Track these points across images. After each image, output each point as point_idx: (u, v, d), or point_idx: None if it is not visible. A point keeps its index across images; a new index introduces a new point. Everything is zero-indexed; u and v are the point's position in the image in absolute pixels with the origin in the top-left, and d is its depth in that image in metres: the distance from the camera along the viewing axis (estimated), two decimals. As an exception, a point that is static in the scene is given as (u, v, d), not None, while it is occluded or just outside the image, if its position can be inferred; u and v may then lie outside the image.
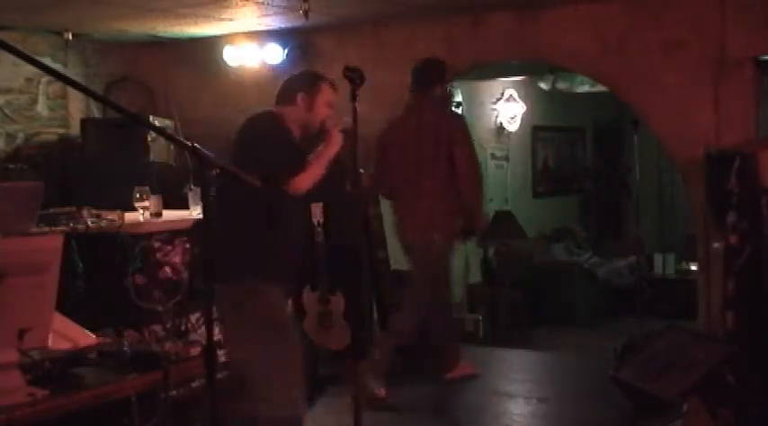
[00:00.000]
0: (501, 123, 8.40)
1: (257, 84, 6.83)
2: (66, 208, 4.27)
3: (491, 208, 8.04)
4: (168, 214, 4.74)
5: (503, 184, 8.37)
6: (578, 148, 10.12)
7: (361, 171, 3.68)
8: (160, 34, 6.57)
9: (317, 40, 6.53)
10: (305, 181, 3.49)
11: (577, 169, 10.05)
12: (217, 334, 4.55)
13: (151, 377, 2.48)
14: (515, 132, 8.56)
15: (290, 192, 3.48)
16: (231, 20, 5.94)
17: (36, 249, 2.37)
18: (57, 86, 6.59)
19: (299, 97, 3.59)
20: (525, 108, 8.59)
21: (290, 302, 3.78)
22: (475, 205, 5.18)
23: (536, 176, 9.22)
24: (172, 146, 6.20)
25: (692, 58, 5.28)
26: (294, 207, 3.63)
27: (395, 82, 6.16)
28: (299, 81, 3.69)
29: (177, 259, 4.56)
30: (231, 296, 3.48)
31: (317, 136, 3.61)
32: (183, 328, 4.47)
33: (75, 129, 6.62)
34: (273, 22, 6.07)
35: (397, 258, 6.68)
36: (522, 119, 8.61)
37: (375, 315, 6.10)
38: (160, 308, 4.41)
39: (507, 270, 7.45)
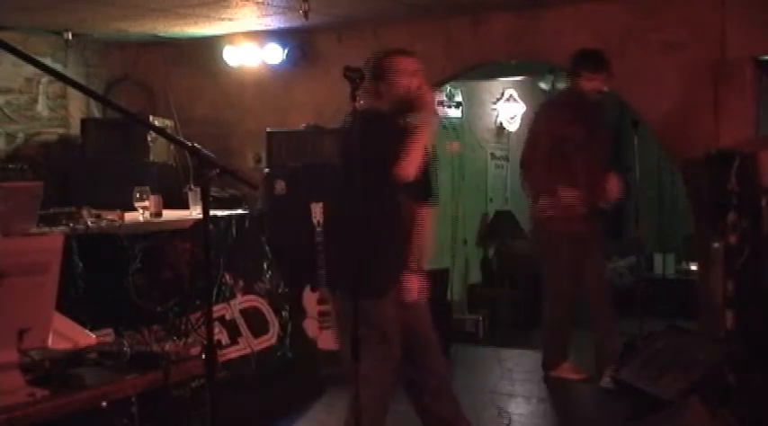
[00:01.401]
0: (501, 123, 8.40)
1: (257, 84, 6.84)
2: (66, 208, 4.27)
3: (491, 208, 8.06)
4: (168, 214, 4.74)
5: (503, 184, 8.36)
6: (578, 148, 10.11)
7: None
8: (160, 34, 6.57)
9: (317, 40, 6.53)
10: (408, 166, 3.30)
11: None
12: (217, 334, 4.57)
13: (151, 377, 2.47)
14: (515, 132, 8.56)
15: (396, 182, 3.33)
16: (231, 20, 5.95)
17: (36, 249, 2.37)
18: (57, 86, 6.59)
19: (369, 86, 3.46)
20: (525, 108, 8.59)
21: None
22: (536, 191, 5.18)
23: (536, 176, 9.20)
24: (172, 146, 6.20)
25: (692, 58, 5.28)
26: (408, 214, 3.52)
27: (395, 82, 6.17)
28: (371, 71, 3.52)
29: (177, 259, 4.56)
30: (343, 300, 3.40)
31: (411, 104, 3.42)
32: (182, 328, 4.48)
33: (75, 129, 6.62)
34: (273, 22, 6.07)
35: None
36: (522, 120, 8.61)
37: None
38: (160, 308, 4.43)
39: (507, 270, 7.45)
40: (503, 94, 8.39)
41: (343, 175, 3.47)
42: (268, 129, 6.16)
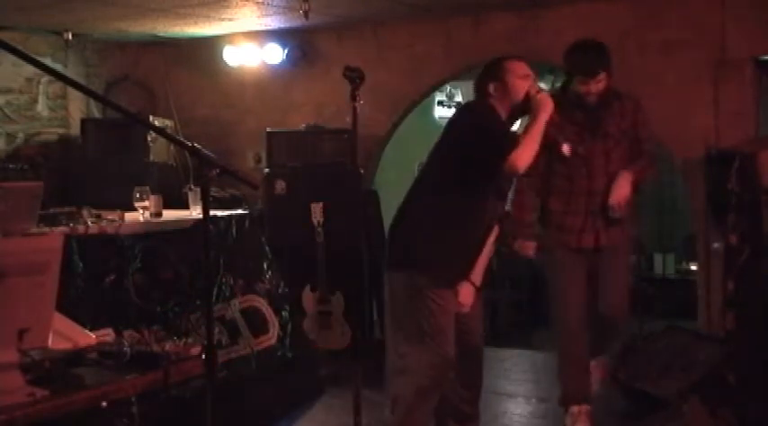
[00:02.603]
0: (501, 123, 8.38)
1: (257, 84, 6.83)
2: (67, 208, 4.27)
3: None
4: (168, 214, 4.74)
5: (503, 184, 8.36)
6: (578, 148, 10.11)
7: (361, 171, 3.61)
8: (160, 34, 6.57)
9: (317, 40, 6.53)
10: (520, 157, 3.38)
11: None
12: (217, 334, 4.57)
13: (151, 377, 2.48)
14: (515, 132, 8.55)
15: (507, 173, 3.44)
16: (231, 20, 5.94)
17: (36, 249, 2.37)
18: (57, 86, 6.59)
19: (491, 88, 3.55)
20: (525, 108, 8.58)
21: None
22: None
23: (536, 176, 9.20)
24: (172, 146, 6.20)
25: (691, 58, 5.28)
26: (489, 207, 3.59)
27: (395, 82, 6.18)
28: (484, 72, 3.63)
29: (177, 259, 4.57)
30: (402, 284, 3.47)
31: (525, 106, 3.55)
32: (182, 328, 4.48)
33: (75, 129, 6.62)
34: (273, 22, 6.07)
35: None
36: (522, 120, 8.60)
37: (375, 316, 6.11)
38: (160, 308, 4.43)
39: (507, 270, 7.45)
40: (503, 94, 8.38)
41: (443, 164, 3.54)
42: (268, 129, 6.16)
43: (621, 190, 4.19)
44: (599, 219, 4.25)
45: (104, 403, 2.34)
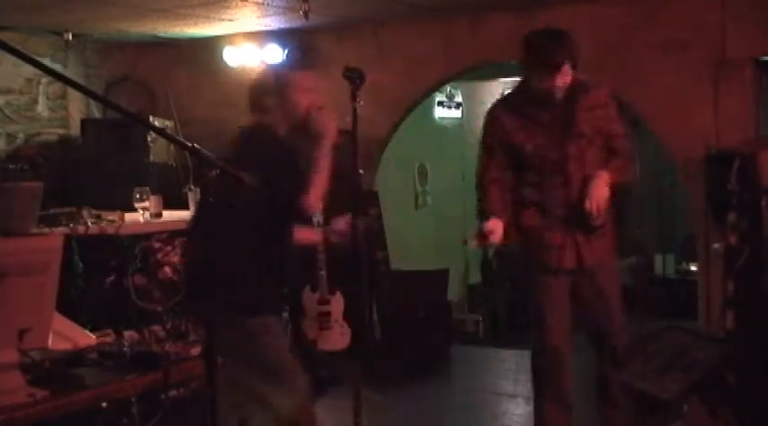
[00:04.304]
0: (501, 123, 8.39)
1: (257, 85, 6.84)
2: (67, 209, 4.28)
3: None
4: (168, 214, 4.74)
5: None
6: (578, 148, 10.11)
7: (361, 172, 3.56)
8: (160, 34, 6.57)
9: (317, 40, 6.53)
10: (314, 197, 3.10)
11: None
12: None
13: (151, 377, 2.48)
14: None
15: (303, 215, 3.12)
16: (231, 20, 5.95)
17: (36, 249, 2.37)
18: (57, 87, 6.59)
19: (267, 101, 3.26)
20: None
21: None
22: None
23: (536, 176, 9.20)
24: (172, 146, 6.20)
25: (692, 58, 5.28)
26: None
27: (395, 82, 6.18)
28: (264, 83, 3.33)
29: (177, 259, 4.57)
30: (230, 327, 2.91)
31: (306, 128, 3.20)
32: (182, 328, 4.49)
33: (75, 129, 6.62)
34: (273, 23, 6.07)
35: (399, 257, 6.69)
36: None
37: (375, 316, 6.12)
38: (160, 308, 4.43)
39: (507, 271, 7.46)
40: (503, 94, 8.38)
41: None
42: (268, 130, 6.16)
43: (598, 191, 3.61)
44: (579, 233, 3.72)
45: (104, 404, 2.35)
